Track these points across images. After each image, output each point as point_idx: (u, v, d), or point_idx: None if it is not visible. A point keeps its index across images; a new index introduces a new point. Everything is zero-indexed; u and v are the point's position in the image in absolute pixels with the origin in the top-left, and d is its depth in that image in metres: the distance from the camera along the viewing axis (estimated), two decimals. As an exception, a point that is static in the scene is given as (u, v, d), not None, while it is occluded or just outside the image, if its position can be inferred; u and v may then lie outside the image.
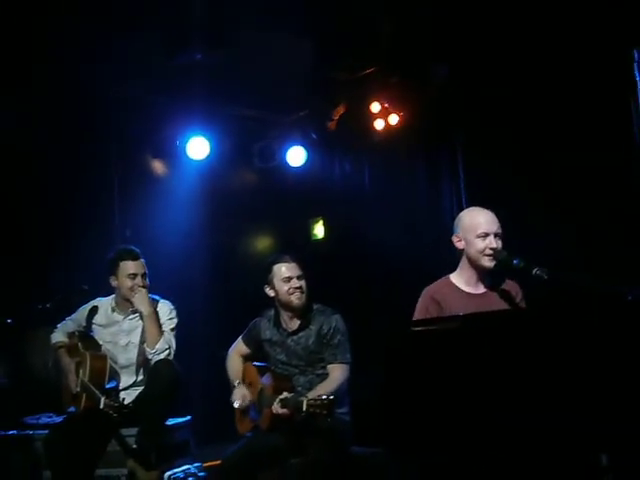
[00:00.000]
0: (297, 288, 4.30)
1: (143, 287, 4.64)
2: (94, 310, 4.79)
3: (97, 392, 4.39)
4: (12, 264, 5.66)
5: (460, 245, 3.59)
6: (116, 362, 4.68)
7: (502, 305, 3.55)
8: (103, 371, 4.57)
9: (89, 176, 6.31)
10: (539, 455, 2.96)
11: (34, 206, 5.87)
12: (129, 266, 4.67)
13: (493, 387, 2.46)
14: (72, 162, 6.09)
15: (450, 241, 3.65)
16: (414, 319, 3.57)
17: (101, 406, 4.29)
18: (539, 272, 3.30)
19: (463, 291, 3.60)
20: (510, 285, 3.63)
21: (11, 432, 4.80)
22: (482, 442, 2.51)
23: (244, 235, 7.54)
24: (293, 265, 4.36)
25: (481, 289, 3.60)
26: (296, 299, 4.29)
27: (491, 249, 3.47)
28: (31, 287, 5.50)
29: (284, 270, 4.34)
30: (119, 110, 6.42)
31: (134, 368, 4.68)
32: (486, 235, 3.50)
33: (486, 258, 3.50)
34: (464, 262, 3.62)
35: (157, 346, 4.50)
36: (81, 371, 4.59)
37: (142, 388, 4.65)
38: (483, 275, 3.59)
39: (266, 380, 4.30)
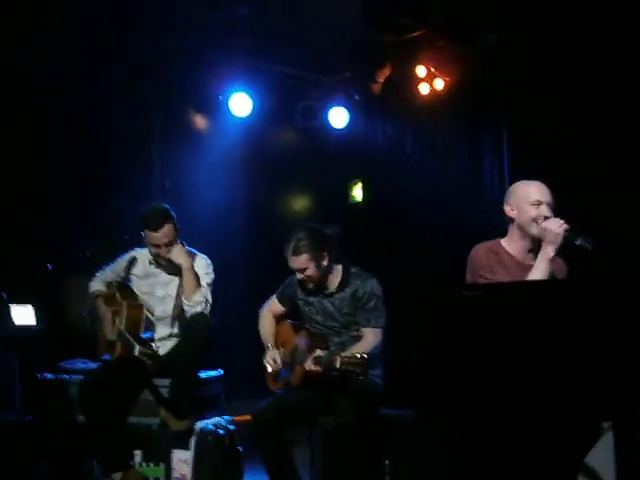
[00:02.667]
0: None
1: (164, 258, 4.60)
2: (133, 261, 4.81)
3: (132, 340, 4.43)
4: (55, 211, 5.73)
5: (512, 214, 3.55)
6: (152, 313, 4.72)
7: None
8: (139, 321, 4.61)
9: (131, 127, 6.33)
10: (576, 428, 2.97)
11: (79, 155, 5.92)
12: (150, 237, 4.55)
13: (537, 358, 2.44)
14: (116, 113, 6.12)
15: (501, 210, 3.60)
16: (475, 271, 3.54)
17: (136, 353, 4.34)
18: (583, 243, 3.26)
19: (516, 259, 3.58)
20: (556, 262, 3.54)
21: (47, 376, 4.88)
22: (519, 414, 2.51)
23: (283, 194, 7.54)
24: None
25: (529, 261, 3.56)
26: None
27: (545, 217, 3.44)
28: (73, 235, 5.56)
29: None
30: (163, 62, 6.42)
31: (169, 320, 4.71)
32: (539, 203, 3.46)
33: (537, 226, 3.46)
34: (514, 232, 3.58)
35: (194, 298, 4.51)
36: (117, 320, 4.63)
37: (176, 340, 4.69)
38: (533, 246, 3.54)
39: (301, 338, 4.30)
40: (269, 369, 4.35)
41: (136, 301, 4.71)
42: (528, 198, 3.49)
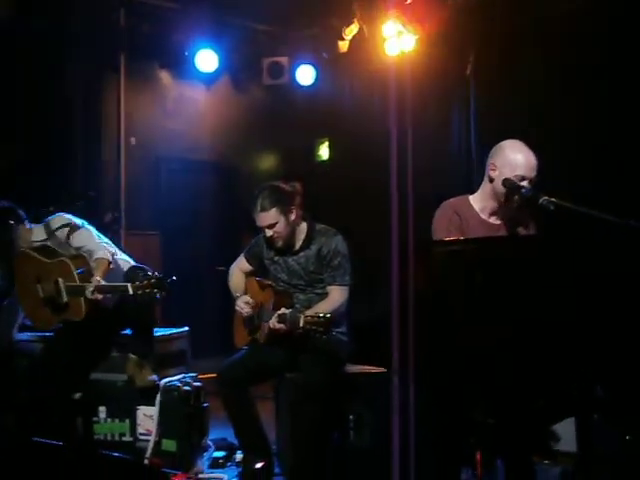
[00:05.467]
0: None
1: None
2: None
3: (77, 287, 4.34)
4: (20, 169, 5.66)
5: (493, 175, 3.50)
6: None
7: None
8: (70, 272, 4.40)
9: (96, 81, 6.25)
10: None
11: (43, 115, 5.83)
12: None
13: (505, 314, 2.49)
14: (79, 67, 6.03)
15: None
16: (436, 232, 3.53)
17: (89, 296, 4.23)
18: (545, 202, 3.26)
19: (481, 217, 3.59)
20: (523, 217, 3.59)
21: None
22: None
23: (249, 151, 7.50)
24: None
25: (495, 220, 3.58)
26: None
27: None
28: (38, 191, 5.49)
29: None
30: (128, 15, 6.33)
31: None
32: (523, 179, 3.42)
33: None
34: (487, 191, 3.55)
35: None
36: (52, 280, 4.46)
37: None
38: (499, 210, 3.55)
39: (267, 295, 4.32)
40: (243, 313, 4.35)
41: (58, 257, 4.49)
42: (514, 169, 3.43)
